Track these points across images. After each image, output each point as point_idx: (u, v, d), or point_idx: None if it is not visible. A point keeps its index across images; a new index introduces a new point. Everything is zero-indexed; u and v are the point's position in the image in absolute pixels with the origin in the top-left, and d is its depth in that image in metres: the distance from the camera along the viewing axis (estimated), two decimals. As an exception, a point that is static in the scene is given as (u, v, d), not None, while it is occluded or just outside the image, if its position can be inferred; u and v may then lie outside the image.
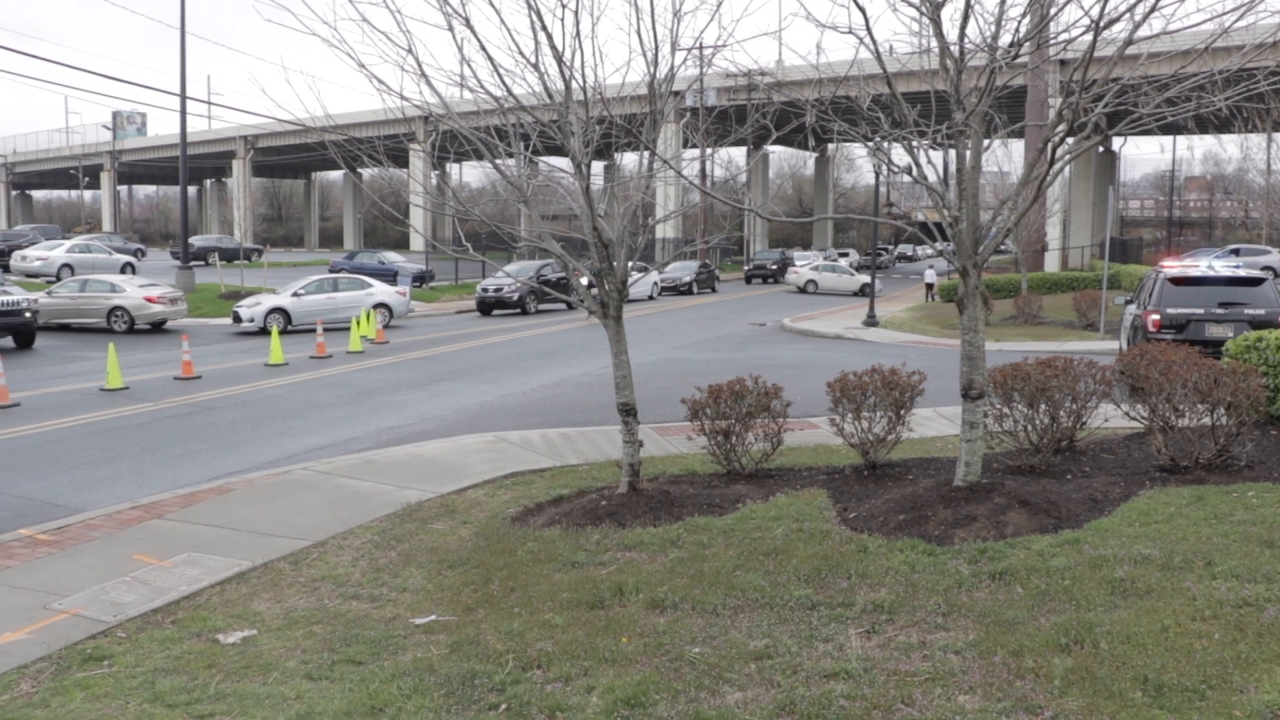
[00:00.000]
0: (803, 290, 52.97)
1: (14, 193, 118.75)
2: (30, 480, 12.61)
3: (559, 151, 10.31)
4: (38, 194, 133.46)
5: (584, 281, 10.33)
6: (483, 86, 9.50)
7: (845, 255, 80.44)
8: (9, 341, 27.10)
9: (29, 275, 46.76)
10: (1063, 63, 44.90)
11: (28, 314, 26.65)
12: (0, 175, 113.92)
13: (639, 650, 6.44)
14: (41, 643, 7.29)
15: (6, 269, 48.82)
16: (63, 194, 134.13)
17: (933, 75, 8.91)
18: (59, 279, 42.92)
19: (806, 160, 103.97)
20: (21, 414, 17.22)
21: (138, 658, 6.93)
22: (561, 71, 9.19)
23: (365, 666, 6.53)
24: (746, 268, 66.95)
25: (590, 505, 9.79)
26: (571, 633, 6.78)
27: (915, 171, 9.02)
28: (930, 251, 77.05)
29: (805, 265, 57.58)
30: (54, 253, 49.36)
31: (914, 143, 8.88)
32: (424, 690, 6.07)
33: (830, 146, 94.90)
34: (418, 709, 5.82)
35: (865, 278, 50.67)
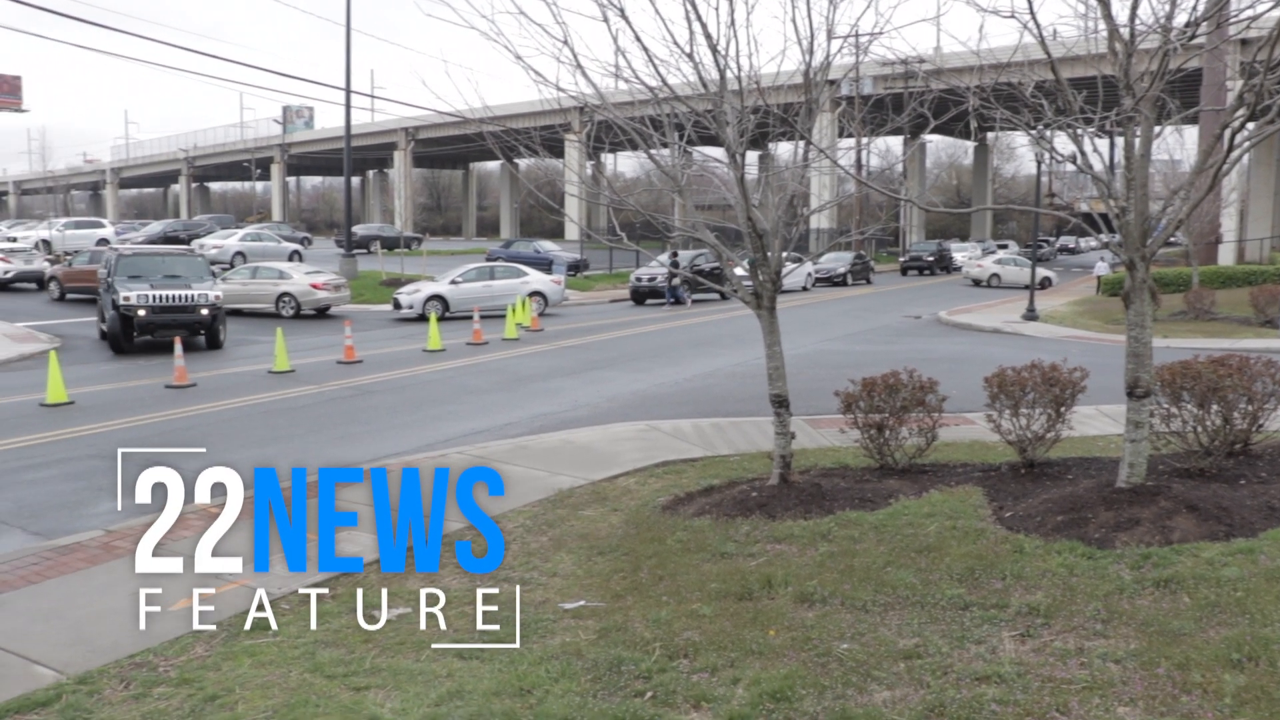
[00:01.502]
0: (985, 284, 51.38)
1: (194, 185, 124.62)
2: (204, 457, 13.23)
3: (713, 141, 10.28)
4: (215, 186, 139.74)
5: (738, 272, 10.30)
6: (637, 77, 9.55)
7: (1004, 247, 78.21)
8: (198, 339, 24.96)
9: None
10: (1244, 42, 42.58)
11: (204, 310, 24.28)
12: (182, 169, 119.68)
13: (786, 644, 6.40)
14: (215, 609, 7.66)
15: (188, 255, 51.21)
16: (237, 185, 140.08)
17: (1100, 59, 8.58)
18: (232, 266, 44.93)
19: (965, 149, 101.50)
20: (197, 394, 18.10)
21: (300, 629, 7.22)
22: (716, 61, 9.16)
23: (515, 648, 6.66)
24: (902, 259, 65.73)
25: (740, 496, 9.77)
26: (719, 623, 6.79)
27: (1080, 160, 8.70)
28: (1095, 244, 74.36)
29: (989, 258, 56.04)
30: (228, 241, 51.60)
31: (1079, 130, 8.57)
32: (571, 674, 6.16)
33: (990, 135, 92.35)
34: (564, 692, 5.91)
35: (1045, 271, 49.01)
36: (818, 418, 14.37)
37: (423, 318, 30.98)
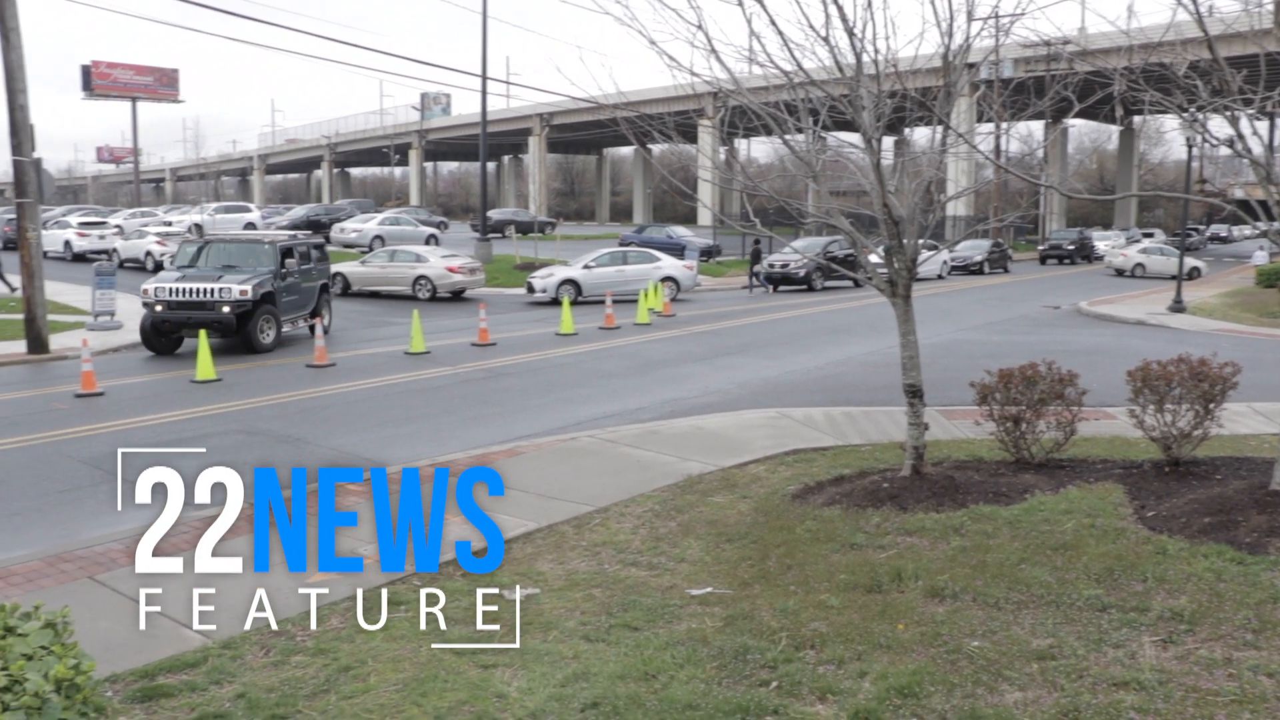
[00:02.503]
0: (1128, 274, 49.50)
1: (335, 170, 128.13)
2: (343, 435, 13.64)
3: (848, 126, 10.13)
4: (355, 171, 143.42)
5: (872, 259, 10.14)
6: (772, 61, 9.46)
7: (1149, 235, 75.28)
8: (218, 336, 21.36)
9: (346, 245, 50.42)
10: None
11: (225, 308, 20.89)
12: (324, 155, 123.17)
13: (915, 639, 6.29)
14: (348, 583, 7.88)
15: (328, 239, 52.82)
16: (376, 171, 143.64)
17: (1264, 35, 8.17)
18: (371, 249, 46.08)
19: (1110, 134, 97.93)
20: (337, 373, 18.64)
21: (431, 605, 7.37)
22: (852, 44, 9.01)
23: (641, 632, 6.69)
24: (1041, 247, 63.78)
25: (871, 487, 9.63)
26: (846, 615, 6.71)
27: (1238, 144, 8.31)
28: (1251, 231, 70.96)
29: (1133, 247, 54.04)
30: (367, 225, 52.92)
31: (1237, 112, 8.17)
32: (696, 661, 6.16)
33: (1137, 119, 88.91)
34: (689, 679, 5.91)
35: (1193, 260, 46.97)
36: (952, 409, 14.08)
37: (556, 302, 31.30)
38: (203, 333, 18.92)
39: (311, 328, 22.02)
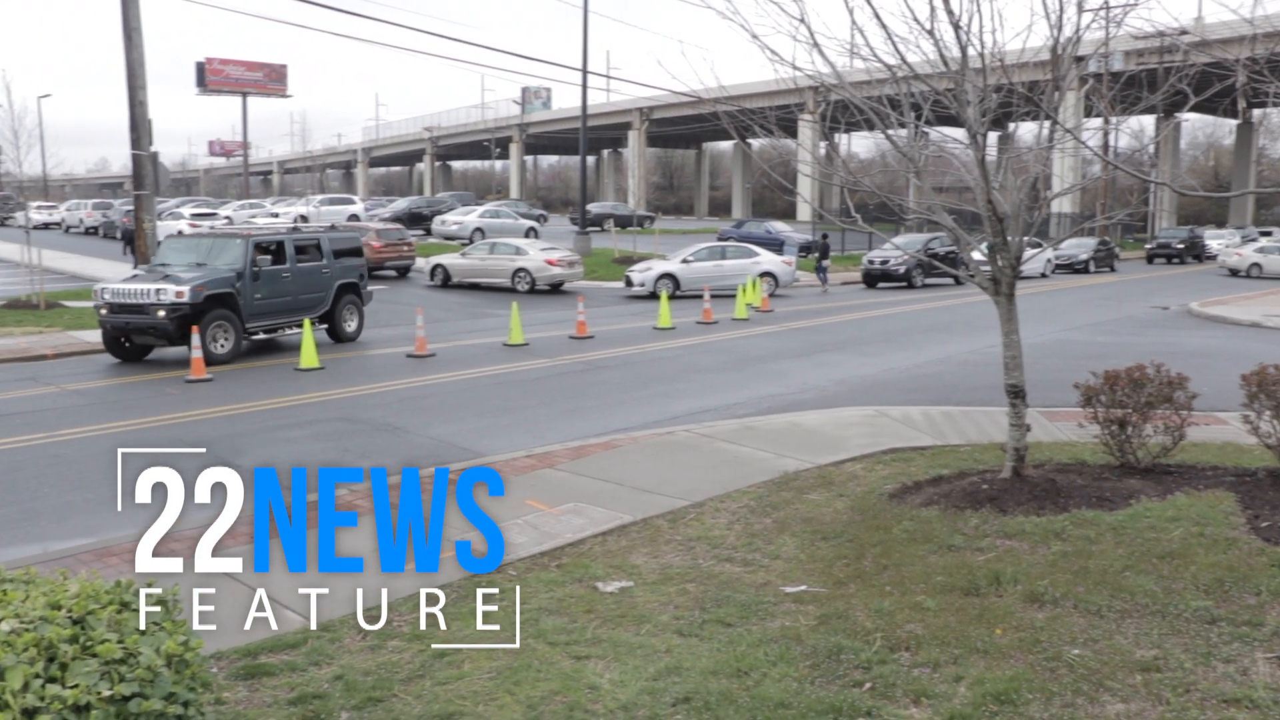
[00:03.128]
0: (1243, 274, 47.69)
1: (437, 163, 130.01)
2: (442, 424, 13.84)
3: (952, 121, 9.95)
4: (456, 164, 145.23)
5: (975, 256, 9.95)
6: (875, 55, 9.33)
7: (1267, 234, 72.55)
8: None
9: (447, 238, 51.17)
10: None
11: (161, 312, 18.68)
12: (426, 148, 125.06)
13: (1013, 644, 6.17)
14: (444, 571, 7.98)
15: (429, 232, 53.71)
16: (477, 164, 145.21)
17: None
18: (471, 241, 46.65)
19: (1227, 128, 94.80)
20: (436, 364, 18.93)
21: (525, 595, 7.44)
22: (958, 37, 8.84)
23: (734, 629, 6.67)
24: (1148, 246, 61.94)
25: (970, 488, 9.47)
26: (943, 618, 6.60)
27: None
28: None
29: (1249, 246, 52.11)
30: (468, 218, 53.60)
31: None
32: (789, 659, 6.12)
33: (1257, 112, 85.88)
34: (782, 676, 5.88)
35: None
36: (1054, 410, 13.77)
37: (653, 295, 31.36)
38: (307, 321, 19.33)
39: (336, 334, 21.89)
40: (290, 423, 14.02)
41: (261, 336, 20.45)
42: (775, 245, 43.33)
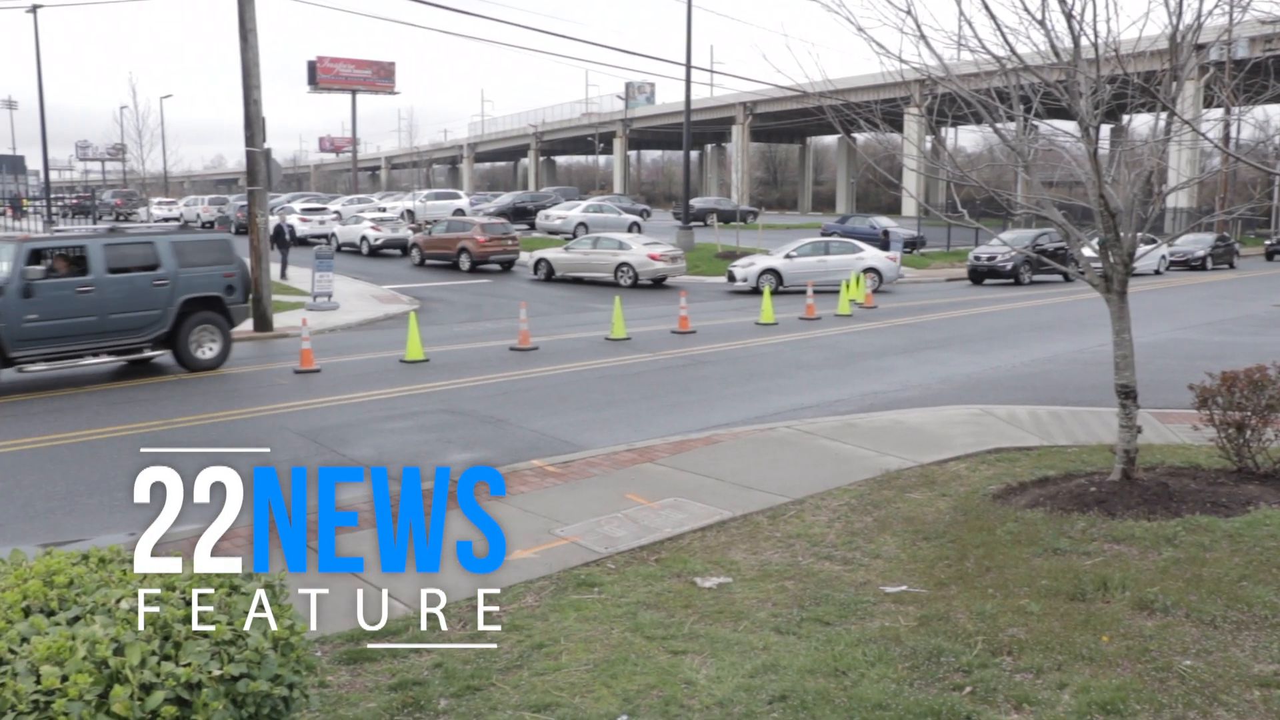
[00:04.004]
0: None
1: (541, 159, 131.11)
2: (543, 417, 13.96)
3: (1062, 114, 9.71)
4: (560, 159, 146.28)
5: (1086, 252, 9.69)
6: (983, 46, 9.15)
7: (1405, 229, 69.27)
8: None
9: (550, 232, 51.63)
10: None
11: None
12: (531, 143, 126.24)
13: (1120, 652, 6.00)
14: (544, 563, 8.08)
15: (533, 226, 54.25)
16: (580, 159, 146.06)
17: None
18: (574, 236, 46.96)
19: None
20: (539, 357, 19.10)
21: (623, 589, 7.48)
22: (1070, 27, 8.61)
23: (832, 627, 6.61)
24: (1268, 242, 59.64)
25: (1077, 490, 9.24)
26: (1046, 622, 6.45)
27: None
28: None
29: None
30: (571, 212, 53.97)
31: None
32: (888, 660, 6.04)
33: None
34: (880, 677, 5.80)
35: None
36: (1167, 412, 13.37)
37: (756, 291, 31.21)
38: (412, 315, 19.68)
39: (183, 360, 17.79)
40: (396, 414, 14.28)
41: (42, 367, 16.42)
42: (879, 241, 42.76)
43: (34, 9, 53.85)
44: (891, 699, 5.54)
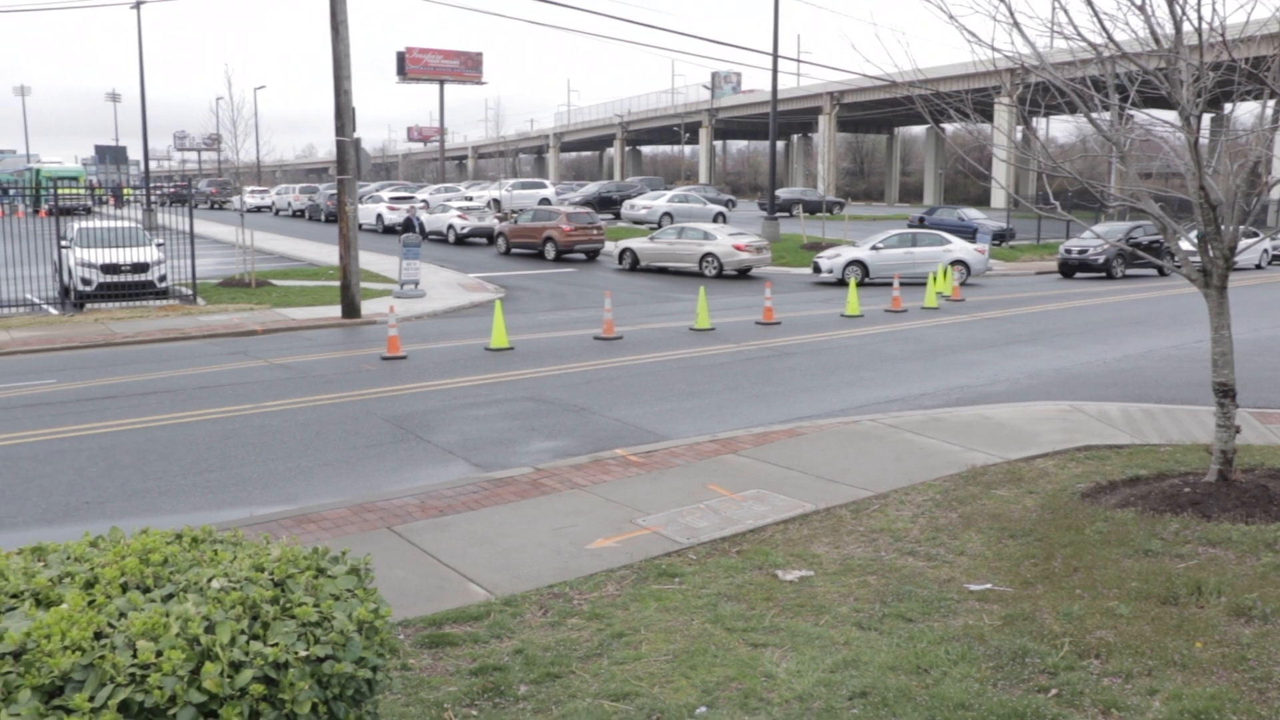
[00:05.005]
0: None
1: (626, 148, 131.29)
2: (626, 406, 13.98)
3: (1162, 103, 9.44)
4: (646, 149, 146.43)
5: (1183, 246, 9.43)
6: (1079, 33, 8.92)
7: None
8: None
9: (635, 222, 51.73)
10: None
11: None
12: (617, 133, 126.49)
13: (1215, 659, 5.83)
14: (626, 552, 8.09)
15: (618, 216, 54.41)
16: (666, 149, 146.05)
17: None
18: (659, 226, 46.96)
19: None
20: (623, 346, 19.14)
21: (704, 580, 7.46)
22: (1171, 12, 8.37)
23: (914, 624, 6.52)
24: (1375, 236, 57.41)
25: (1170, 490, 9.00)
26: (1136, 626, 6.29)
27: None
28: None
29: None
30: (656, 202, 54.01)
31: None
32: (971, 659, 5.94)
33: None
34: (963, 676, 5.71)
35: None
36: (1267, 411, 12.98)
37: (842, 282, 30.96)
38: (498, 303, 19.83)
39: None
40: (480, 401, 14.42)
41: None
42: (968, 233, 42.10)
43: (137, 5, 55.19)
44: (974, 699, 5.45)
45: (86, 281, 24.95)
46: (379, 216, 48.94)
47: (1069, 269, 37.14)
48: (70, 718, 3.15)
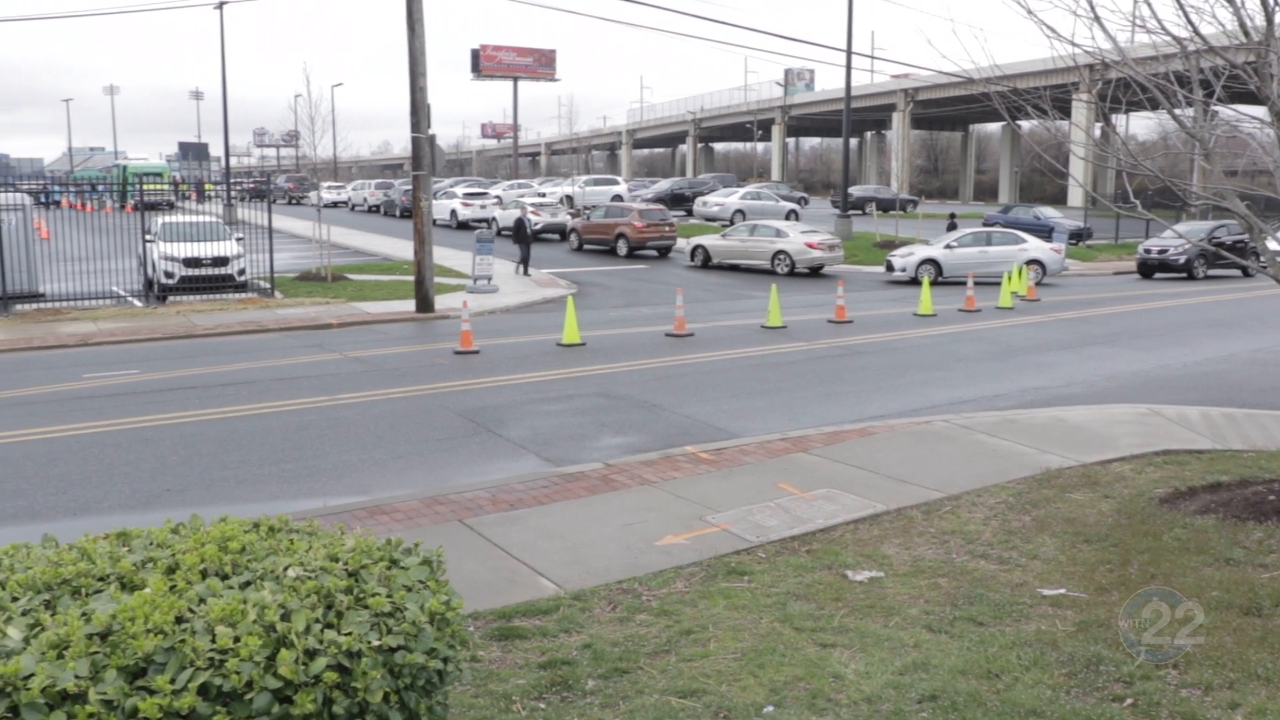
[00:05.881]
0: None
1: (699, 145, 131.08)
2: (697, 403, 13.98)
3: (1248, 98, 9.21)
4: (718, 146, 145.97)
5: (1270, 245, 9.19)
6: (1162, 27, 8.74)
7: None
8: None
9: (708, 219, 51.66)
10: None
11: None
12: (689, 130, 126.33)
13: (1300, 670, 5.68)
14: (695, 549, 8.10)
15: (690, 213, 54.38)
16: (738, 146, 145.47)
17: None
18: (732, 223, 46.84)
19: None
20: (694, 343, 19.13)
21: (773, 579, 7.43)
22: (1264, 3, 8.16)
23: (986, 628, 6.45)
24: None
25: (1254, 498, 8.79)
26: (1217, 636, 6.15)
27: None
28: None
29: None
30: (729, 199, 53.85)
31: None
32: (1044, 665, 5.86)
33: None
34: (1035, 683, 5.63)
35: None
36: (1357, 417, 12.62)
37: (915, 281, 30.65)
38: (570, 299, 19.93)
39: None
40: (551, 396, 14.50)
41: None
42: (1044, 232, 41.40)
43: (220, 5, 56.29)
44: (1046, 706, 5.37)
45: (169, 275, 25.54)
46: (453, 212, 49.39)
47: (1148, 269, 36.37)
48: (152, 698, 3.23)
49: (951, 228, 38.64)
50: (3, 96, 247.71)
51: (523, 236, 31.89)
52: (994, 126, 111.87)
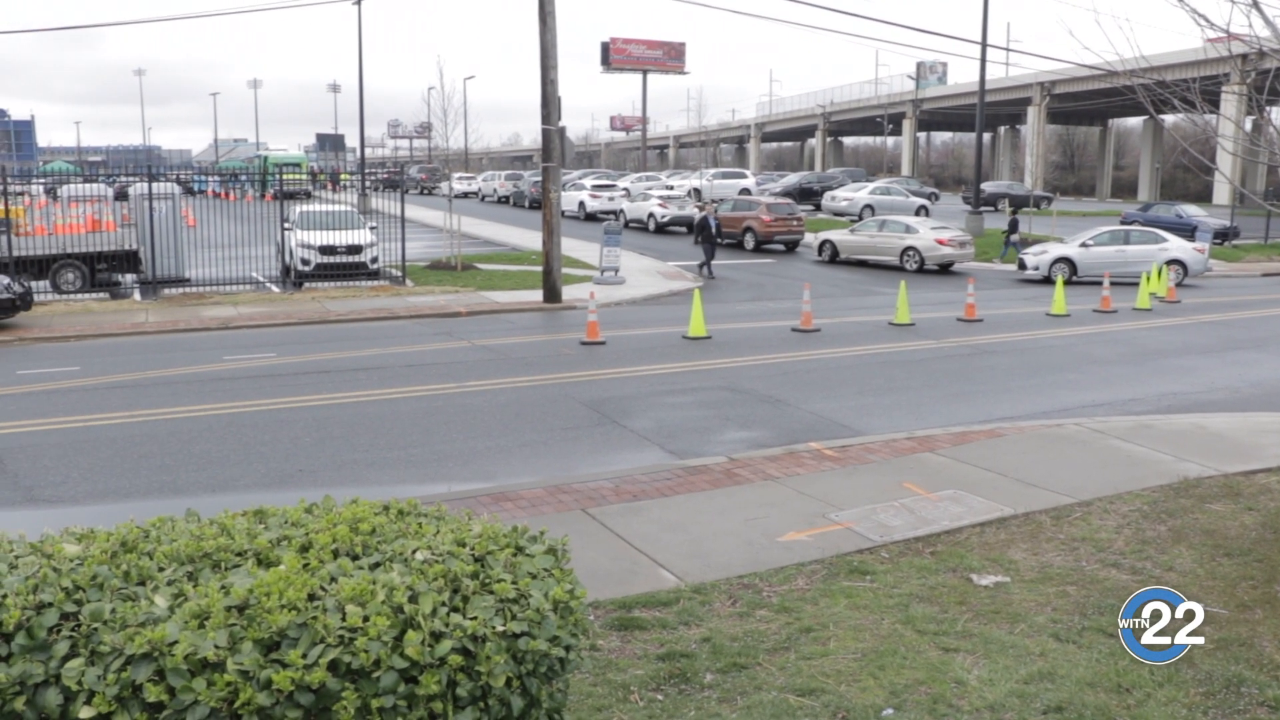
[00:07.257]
0: None
1: (828, 139, 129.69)
2: (822, 400, 13.86)
3: None
4: (847, 140, 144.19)
5: None
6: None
7: None
8: None
9: (836, 214, 51.09)
10: None
11: None
12: (818, 124, 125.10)
13: None
14: (817, 547, 8.04)
15: (818, 207, 53.89)
16: (868, 140, 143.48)
17: None
18: (860, 218, 46.23)
19: None
20: (820, 339, 18.97)
21: (896, 579, 7.34)
22: None
23: (1117, 640, 6.24)
24: None
25: None
26: (1368, 657, 5.87)
27: None
28: None
29: None
30: (858, 194, 53.18)
31: None
32: (1179, 682, 5.66)
33: None
34: (1168, 700, 5.45)
35: None
36: None
37: (1048, 280, 29.85)
38: (697, 292, 19.93)
39: None
40: (675, 388, 14.53)
41: None
42: (1186, 231, 39.88)
43: (358, 1, 57.78)
44: (1182, 722, 5.19)
45: (305, 262, 26.33)
46: (581, 204, 49.85)
47: (1297, 272, 34.77)
48: (285, 671, 3.35)
49: (1013, 228, 37.37)
50: (156, 92, 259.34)
51: (708, 236, 30.85)
52: (1134, 121, 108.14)
